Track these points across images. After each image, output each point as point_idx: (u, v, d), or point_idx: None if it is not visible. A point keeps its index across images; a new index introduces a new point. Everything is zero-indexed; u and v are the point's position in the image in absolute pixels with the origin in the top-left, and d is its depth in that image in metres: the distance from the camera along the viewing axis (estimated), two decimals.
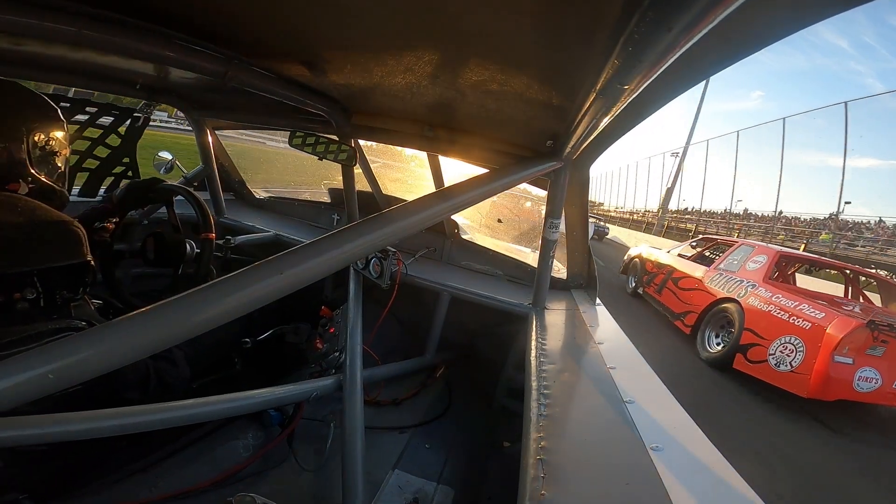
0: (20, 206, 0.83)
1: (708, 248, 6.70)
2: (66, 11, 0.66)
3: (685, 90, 0.69)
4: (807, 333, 3.79)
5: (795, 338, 3.86)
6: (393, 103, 1.26)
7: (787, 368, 3.84)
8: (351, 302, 1.60)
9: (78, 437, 0.85)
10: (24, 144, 0.90)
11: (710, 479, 0.75)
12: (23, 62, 1.15)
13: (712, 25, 0.38)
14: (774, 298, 4.28)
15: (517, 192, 2.97)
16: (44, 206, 0.87)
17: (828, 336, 3.62)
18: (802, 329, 3.84)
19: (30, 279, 0.82)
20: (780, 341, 3.97)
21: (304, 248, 0.65)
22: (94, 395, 0.92)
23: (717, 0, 0.34)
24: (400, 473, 1.45)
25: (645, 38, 0.42)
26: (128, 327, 0.51)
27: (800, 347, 3.80)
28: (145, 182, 1.52)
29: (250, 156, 3.57)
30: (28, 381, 0.45)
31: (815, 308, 3.92)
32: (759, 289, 4.55)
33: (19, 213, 0.81)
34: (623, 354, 1.30)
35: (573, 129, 0.89)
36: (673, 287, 6.10)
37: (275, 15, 0.72)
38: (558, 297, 1.78)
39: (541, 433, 0.79)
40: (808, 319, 3.84)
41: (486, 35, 0.62)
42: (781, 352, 3.93)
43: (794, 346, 3.84)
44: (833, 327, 3.63)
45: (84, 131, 1.65)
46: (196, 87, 1.58)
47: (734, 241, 6.35)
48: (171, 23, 0.80)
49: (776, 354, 3.96)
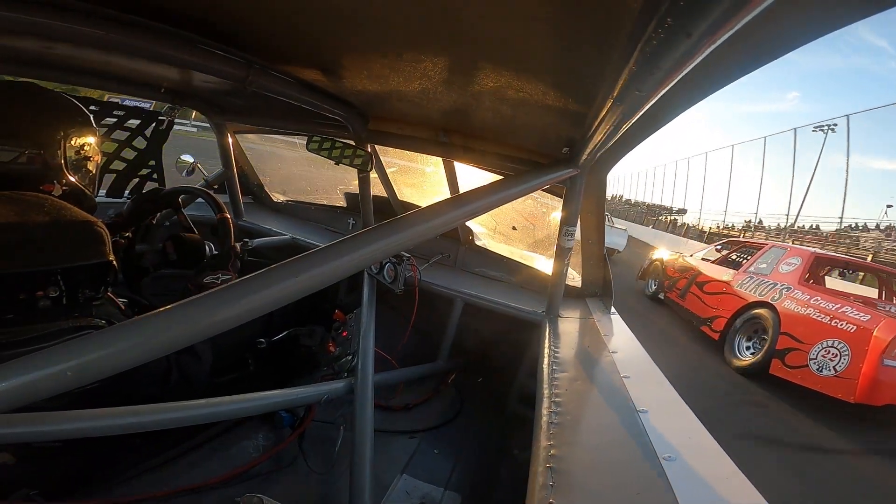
0: (47, 205, 0.85)
1: (734, 251, 6.44)
2: (95, 15, 0.68)
3: (705, 96, 0.67)
4: (852, 336, 3.61)
5: (839, 341, 3.69)
6: (408, 109, 1.27)
7: (831, 373, 3.67)
8: (364, 306, 1.61)
9: (93, 434, 0.87)
10: (61, 150, 0.93)
11: (724, 490, 0.73)
12: (54, 65, 1.20)
13: (733, 31, 0.36)
14: (813, 301, 4.10)
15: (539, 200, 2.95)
16: (69, 206, 0.90)
17: (876, 339, 3.45)
18: (846, 332, 3.66)
19: (53, 277, 0.84)
20: (821, 345, 3.80)
21: (320, 252, 0.65)
22: (115, 389, 0.93)
23: (738, 6, 0.33)
24: (408, 478, 1.44)
25: (663, 45, 0.41)
26: (146, 326, 0.52)
27: (844, 351, 3.63)
28: (149, 193, 1.56)
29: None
30: (47, 377, 0.46)
31: (859, 310, 3.74)
32: (795, 291, 4.37)
33: (45, 212, 0.84)
34: (637, 364, 1.27)
35: (590, 136, 0.88)
36: (698, 291, 5.92)
37: (294, 21, 0.73)
38: (573, 306, 1.76)
39: (551, 441, 0.78)
40: (853, 322, 3.66)
41: (502, 41, 0.62)
42: (824, 356, 3.76)
43: (838, 350, 3.68)
44: (881, 329, 3.46)
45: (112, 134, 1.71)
46: (217, 91, 1.61)
47: (763, 243, 6.17)
48: (195, 27, 0.82)
49: (818, 359, 3.79)
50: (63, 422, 0.83)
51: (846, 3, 0.41)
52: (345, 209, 2.61)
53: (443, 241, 2.19)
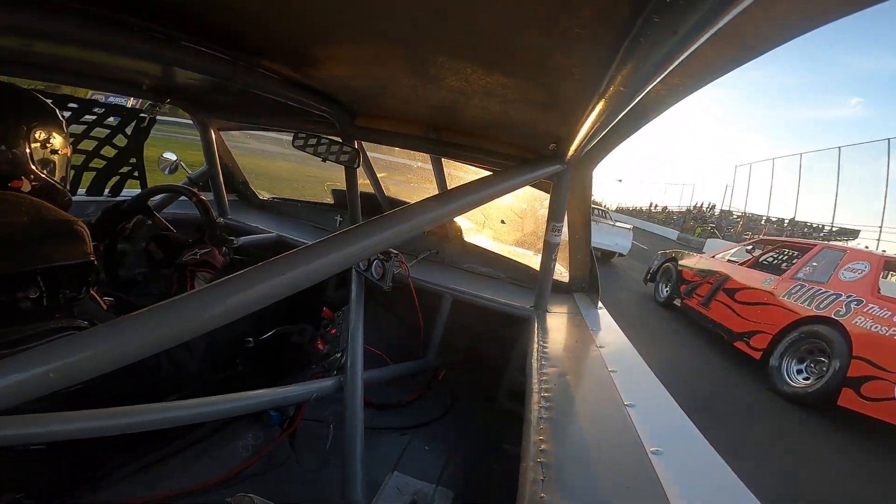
0: (25, 205, 0.83)
1: (769, 252, 5.55)
2: (73, 12, 0.67)
3: (691, 93, 0.68)
4: None
5: None
6: (396, 106, 1.26)
7: None
8: (353, 303, 1.60)
9: (79, 436, 0.85)
10: (25, 142, 0.91)
11: (711, 483, 0.75)
12: (31, 63, 1.16)
13: (718, 28, 0.37)
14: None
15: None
16: (48, 205, 0.88)
17: None
18: None
19: (33, 278, 0.83)
20: None
21: (307, 250, 0.65)
22: (104, 383, 0.92)
23: (724, 3, 0.34)
24: (399, 475, 1.45)
25: (649, 42, 0.42)
26: (129, 327, 0.52)
27: None
28: (111, 209, 1.53)
29: None
30: (28, 379, 0.45)
31: None
32: (869, 306, 3.62)
33: (24, 212, 0.82)
34: (624, 358, 1.29)
35: (576, 133, 0.89)
36: (727, 300, 5.13)
37: (280, 17, 0.72)
38: (560, 301, 1.78)
39: (541, 436, 0.79)
40: None
41: (490, 38, 0.62)
42: None
43: None
44: None
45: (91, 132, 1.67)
46: (201, 88, 1.59)
47: (811, 243, 5.17)
48: (178, 24, 0.81)
49: None
50: (49, 424, 0.81)
51: (823, 1, 0.42)
52: (332, 206, 2.59)
53: (431, 237, 2.19)
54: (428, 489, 1.41)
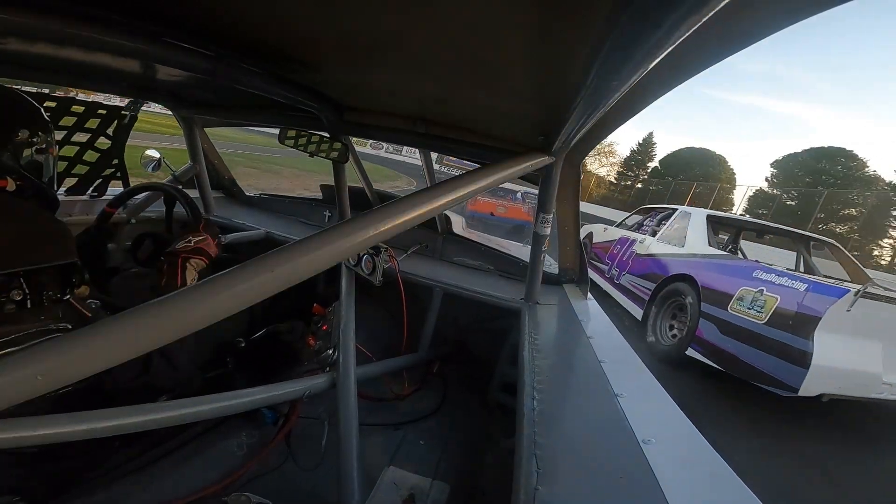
0: (7, 206, 0.81)
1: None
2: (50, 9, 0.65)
3: (678, 84, 0.69)
4: None
5: None
6: (384, 100, 1.25)
7: None
8: (343, 299, 1.59)
9: (71, 438, 0.84)
10: (7, 142, 0.89)
11: (702, 471, 0.76)
12: (7, 61, 1.13)
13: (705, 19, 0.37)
14: None
15: None
16: (30, 206, 0.86)
17: None
18: None
19: (16, 281, 0.81)
20: None
21: (295, 246, 0.64)
22: (94, 381, 0.91)
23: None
24: (395, 470, 1.45)
25: (635, 34, 0.42)
26: (115, 328, 0.51)
27: None
28: (82, 235, 1.49)
29: None
30: (14, 383, 0.44)
31: None
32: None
33: (6, 214, 0.80)
34: (614, 348, 1.31)
35: (563, 125, 0.90)
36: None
37: (265, 11, 0.71)
38: (550, 292, 1.79)
39: (535, 428, 0.80)
40: None
41: (477, 31, 0.62)
42: None
43: None
44: None
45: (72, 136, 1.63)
46: (185, 84, 1.56)
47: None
48: (159, 20, 0.79)
49: None
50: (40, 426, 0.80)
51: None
52: (320, 201, 2.57)
53: (421, 231, 2.19)
54: (424, 483, 1.42)
